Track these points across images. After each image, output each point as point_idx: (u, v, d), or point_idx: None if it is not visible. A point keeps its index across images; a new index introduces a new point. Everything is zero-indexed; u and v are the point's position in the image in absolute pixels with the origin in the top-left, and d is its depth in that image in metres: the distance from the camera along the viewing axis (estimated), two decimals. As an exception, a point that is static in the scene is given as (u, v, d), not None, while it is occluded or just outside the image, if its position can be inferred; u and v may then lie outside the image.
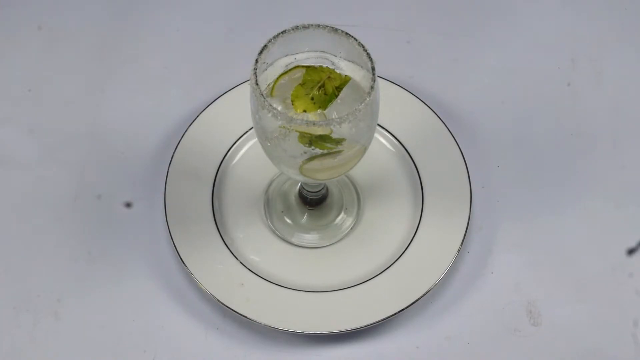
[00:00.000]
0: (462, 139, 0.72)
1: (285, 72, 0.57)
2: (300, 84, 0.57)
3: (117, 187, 0.72)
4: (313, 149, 0.55)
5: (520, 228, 0.71)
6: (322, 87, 0.56)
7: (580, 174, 0.73)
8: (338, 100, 0.56)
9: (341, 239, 0.70)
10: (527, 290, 0.68)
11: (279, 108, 0.56)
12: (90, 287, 0.68)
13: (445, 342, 0.66)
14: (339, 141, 0.55)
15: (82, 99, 0.77)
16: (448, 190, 0.69)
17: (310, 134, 0.54)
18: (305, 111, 0.56)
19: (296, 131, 0.54)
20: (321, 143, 0.55)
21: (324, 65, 0.57)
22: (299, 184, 0.70)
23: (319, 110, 0.56)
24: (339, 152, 0.56)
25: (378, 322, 0.64)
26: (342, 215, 0.71)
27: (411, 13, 0.82)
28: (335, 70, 0.57)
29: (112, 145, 0.74)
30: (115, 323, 0.66)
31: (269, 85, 0.57)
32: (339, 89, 0.56)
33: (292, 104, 0.56)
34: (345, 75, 0.57)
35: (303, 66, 0.57)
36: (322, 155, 0.56)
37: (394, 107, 0.72)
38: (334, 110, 0.56)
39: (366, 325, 0.64)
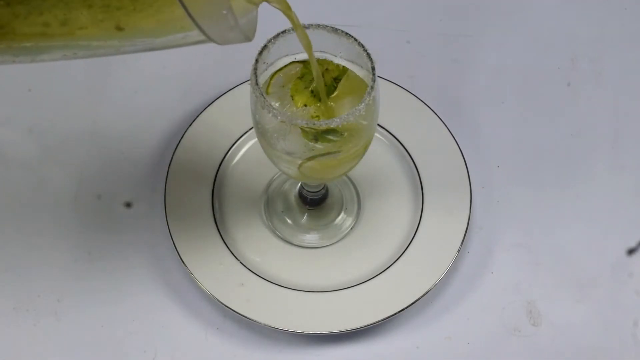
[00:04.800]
0: (462, 139, 0.72)
1: (279, 70, 0.57)
2: (298, 77, 0.57)
3: (117, 187, 0.72)
4: (316, 144, 0.55)
5: (520, 228, 0.71)
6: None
7: (580, 174, 0.73)
8: (336, 95, 0.56)
9: (341, 239, 0.70)
10: (527, 290, 0.68)
11: (276, 105, 0.56)
12: (90, 287, 0.68)
13: (445, 342, 0.66)
14: (343, 132, 0.55)
15: (82, 99, 0.77)
16: (448, 191, 0.69)
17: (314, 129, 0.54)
18: (305, 105, 0.56)
19: (299, 127, 0.54)
20: (325, 136, 0.55)
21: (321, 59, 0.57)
22: (299, 184, 0.70)
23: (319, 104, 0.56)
24: (339, 151, 0.56)
25: (378, 322, 0.64)
26: (342, 215, 0.71)
27: (411, 13, 0.82)
28: (333, 62, 0.57)
29: (112, 145, 0.74)
30: (115, 323, 0.66)
31: (264, 83, 0.57)
32: (337, 80, 0.56)
33: (292, 99, 0.56)
34: (343, 66, 0.57)
35: (298, 61, 0.57)
36: (322, 155, 0.56)
37: (394, 107, 0.72)
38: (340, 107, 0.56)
39: (366, 325, 0.64)
